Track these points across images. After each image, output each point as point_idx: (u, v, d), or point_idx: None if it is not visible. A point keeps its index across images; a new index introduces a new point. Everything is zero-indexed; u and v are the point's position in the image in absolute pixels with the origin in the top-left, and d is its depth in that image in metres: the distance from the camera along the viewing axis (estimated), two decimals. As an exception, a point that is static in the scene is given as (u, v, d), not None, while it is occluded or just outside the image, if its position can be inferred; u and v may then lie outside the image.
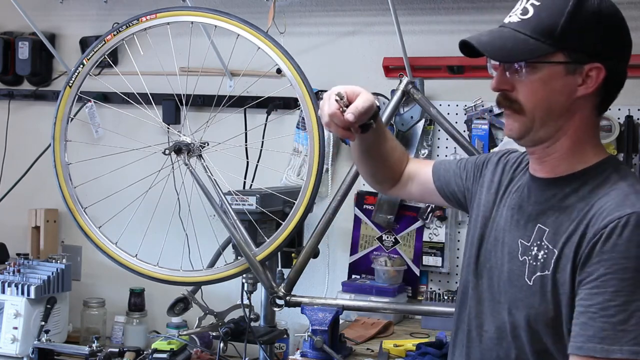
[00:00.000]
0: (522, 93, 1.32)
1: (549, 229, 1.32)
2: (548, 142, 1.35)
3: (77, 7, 3.21)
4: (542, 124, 1.33)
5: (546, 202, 1.36)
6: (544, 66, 1.30)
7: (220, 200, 2.33)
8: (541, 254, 1.31)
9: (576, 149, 1.34)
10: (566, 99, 1.31)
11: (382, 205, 2.77)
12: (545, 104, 1.32)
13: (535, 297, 1.31)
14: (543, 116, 1.32)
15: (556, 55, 1.29)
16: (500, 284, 1.39)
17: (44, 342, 2.64)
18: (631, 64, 2.64)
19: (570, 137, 1.34)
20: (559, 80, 1.30)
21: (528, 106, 1.32)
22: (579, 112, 1.33)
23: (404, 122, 2.68)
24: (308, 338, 2.21)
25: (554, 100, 1.31)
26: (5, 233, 3.23)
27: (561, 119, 1.33)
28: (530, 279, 1.32)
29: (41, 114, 3.28)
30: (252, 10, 2.83)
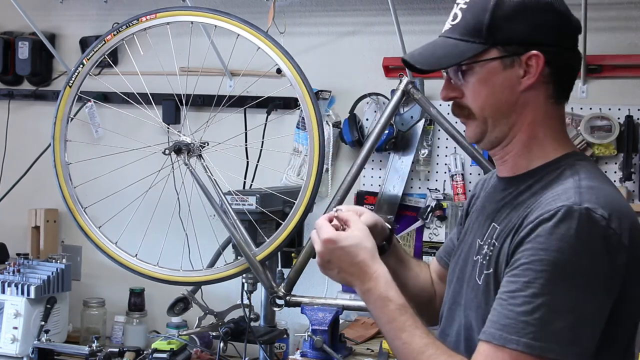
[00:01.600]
0: (469, 97, 1.31)
1: (499, 226, 1.29)
2: (505, 140, 1.32)
3: (77, 7, 3.21)
4: (494, 123, 1.31)
5: (502, 200, 1.33)
6: (480, 66, 1.28)
7: (220, 200, 2.33)
8: (490, 252, 1.28)
9: (533, 143, 1.31)
10: (511, 93, 1.29)
11: (382, 205, 2.77)
12: (491, 102, 1.29)
13: (483, 296, 1.27)
14: (493, 115, 1.30)
15: (490, 52, 1.27)
16: (463, 286, 1.36)
17: (44, 342, 2.64)
18: (631, 64, 2.65)
19: (526, 132, 1.31)
20: (498, 76, 1.28)
21: (476, 109, 1.30)
22: (531, 104, 1.30)
23: (404, 122, 2.68)
24: (308, 338, 2.21)
25: (499, 98, 1.29)
26: (5, 233, 3.23)
27: (513, 115, 1.30)
28: (479, 278, 1.29)
29: (41, 114, 3.28)
30: (252, 10, 2.83)
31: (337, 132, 2.79)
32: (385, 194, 2.77)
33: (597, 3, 2.47)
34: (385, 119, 2.38)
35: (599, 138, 2.48)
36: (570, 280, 1.14)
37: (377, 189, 2.80)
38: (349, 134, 2.74)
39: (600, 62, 2.51)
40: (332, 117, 2.83)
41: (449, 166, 2.71)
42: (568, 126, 2.52)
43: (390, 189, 2.76)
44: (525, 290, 1.15)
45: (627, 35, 2.52)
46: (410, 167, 2.74)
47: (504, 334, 1.15)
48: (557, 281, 1.14)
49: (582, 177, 1.24)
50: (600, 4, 2.50)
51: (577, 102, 2.55)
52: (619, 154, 2.50)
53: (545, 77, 1.27)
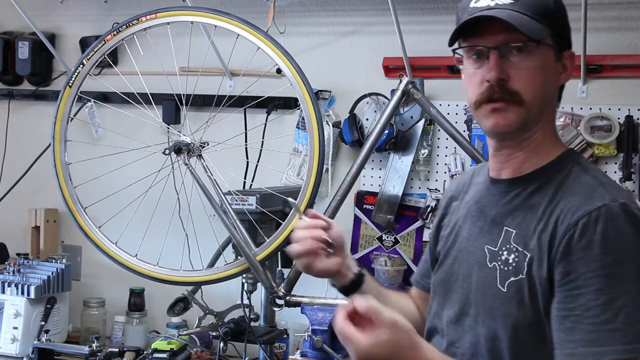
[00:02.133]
0: (522, 82, 1.24)
1: (516, 230, 1.26)
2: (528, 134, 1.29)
3: (77, 7, 3.21)
4: (537, 114, 1.28)
5: (510, 203, 1.30)
6: (541, 51, 1.24)
7: (220, 200, 2.33)
8: (512, 258, 1.24)
9: (545, 142, 1.30)
10: (555, 87, 1.29)
11: (382, 205, 2.78)
12: (542, 92, 1.26)
13: (511, 303, 1.23)
14: (541, 105, 1.27)
15: (548, 39, 1.25)
16: (469, 296, 1.31)
17: (44, 342, 2.64)
18: (631, 64, 2.65)
19: (543, 130, 1.30)
20: (551, 66, 1.27)
21: (528, 96, 1.25)
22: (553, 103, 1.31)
23: (404, 122, 2.68)
24: (308, 338, 2.21)
25: (549, 89, 1.28)
26: (5, 233, 3.23)
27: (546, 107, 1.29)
28: (503, 285, 1.24)
29: (41, 114, 3.28)
30: (252, 10, 2.83)
31: (337, 132, 2.79)
32: (385, 194, 2.77)
33: (597, 3, 2.47)
34: (385, 119, 2.38)
35: (599, 138, 2.48)
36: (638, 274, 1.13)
37: (377, 189, 2.80)
38: (349, 134, 2.74)
39: (600, 62, 2.51)
40: (332, 117, 2.83)
41: (449, 166, 2.71)
42: (567, 126, 2.53)
43: (390, 189, 2.76)
44: (599, 298, 1.12)
45: (627, 35, 2.52)
46: (410, 167, 2.74)
47: (596, 349, 1.12)
48: (628, 279, 1.13)
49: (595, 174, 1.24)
50: (600, 4, 2.50)
51: (577, 102, 2.55)
52: (619, 154, 2.50)
53: None
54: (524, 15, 1.22)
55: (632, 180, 2.47)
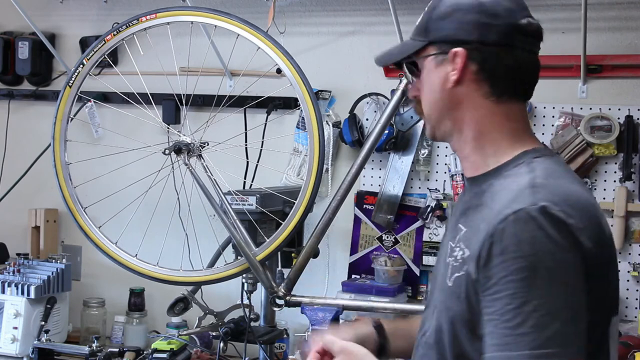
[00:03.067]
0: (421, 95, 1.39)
1: (465, 228, 1.29)
2: (455, 135, 1.37)
3: (77, 7, 3.21)
4: (437, 119, 1.37)
5: (468, 201, 1.34)
6: (422, 64, 1.36)
7: (220, 200, 2.33)
8: (460, 255, 1.27)
9: (483, 141, 1.33)
10: (443, 89, 1.34)
11: (382, 205, 2.78)
12: (431, 98, 1.36)
13: (452, 298, 1.26)
14: (433, 111, 1.37)
15: (427, 50, 1.35)
16: (435, 287, 1.37)
17: (44, 342, 2.64)
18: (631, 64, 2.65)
19: (469, 129, 1.34)
20: (433, 73, 1.35)
21: (423, 106, 1.39)
22: (465, 101, 1.33)
23: (404, 122, 2.68)
24: (308, 338, 2.21)
25: (434, 94, 1.35)
26: (5, 233, 3.23)
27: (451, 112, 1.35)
28: (450, 279, 1.28)
29: (41, 114, 3.28)
30: (252, 10, 2.83)
31: (337, 132, 2.79)
32: (385, 194, 2.77)
33: (597, 3, 2.47)
34: (385, 119, 2.38)
35: (599, 138, 2.48)
36: (551, 279, 1.14)
37: (377, 189, 2.80)
38: (349, 134, 2.74)
39: (600, 62, 2.51)
40: (332, 117, 2.83)
41: (449, 166, 2.71)
42: (567, 126, 2.53)
43: (390, 189, 2.76)
44: (513, 302, 1.14)
45: (627, 35, 2.52)
46: (410, 167, 2.74)
47: (507, 353, 1.14)
48: (541, 284, 1.13)
49: (537, 175, 1.24)
50: (600, 4, 2.50)
51: (577, 102, 2.55)
52: (619, 154, 2.50)
53: (475, 75, 1.31)
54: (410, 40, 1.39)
55: (632, 180, 2.47)
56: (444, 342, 1.28)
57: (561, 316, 1.13)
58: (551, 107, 2.57)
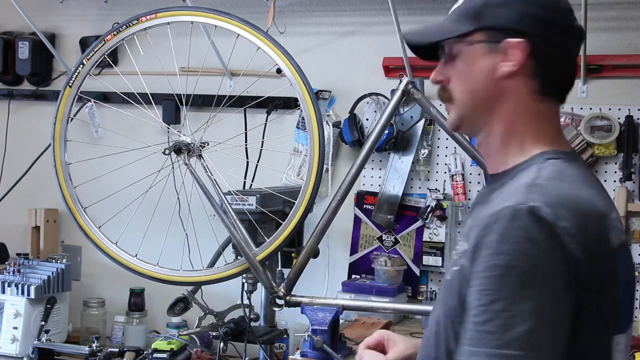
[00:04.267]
0: (452, 81, 1.30)
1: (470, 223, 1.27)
2: (484, 129, 1.30)
3: (77, 7, 3.21)
4: (472, 109, 1.30)
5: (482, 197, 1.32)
6: (466, 50, 1.28)
7: (220, 200, 2.33)
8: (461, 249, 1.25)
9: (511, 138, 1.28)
10: (488, 79, 1.26)
11: (382, 205, 2.78)
12: (469, 87, 1.29)
13: (448, 291, 1.24)
14: (470, 100, 1.29)
15: (475, 35, 1.27)
16: None
17: (44, 342, 2.64)
18: (631, 64, 2.65)
19: (503, 124, 1.28)
20: (479, 60, 1.27)
21: (456, 93, 1.30)
22: (510, 95, 1.27)
23: (404, 122, 2.68)
24: (308, 338, 2.21)
25: (477, 82, 1.28)
26: (5, 233, 3.23)
27: (490, 103, 1.28)
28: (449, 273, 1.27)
29: (41, 114, 3.28)
30: (252, 10, 2.83)
31: (337, 132, 2.79)
32: (385, 194, 2.77)
33: (597, 3, 2.47)
34: (385, 119, 2.38)
35: (599, 138, 2.48)
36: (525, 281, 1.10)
37: (377, 189, 2.80)
38: (349, 134, 2.74)
39: (600, 62, 2.51)
40: (332, 117, 2.83)
41: (449, 166, 2.71)
42: (567, 126, 2.53)
43: (390, 189, 2.76)
44: (482, 299, 1.12)
45: (627, 35, 2.52)
46: (410, 167, 2.74)
47: (472, 348, 1.12)
48: (512, 285, 1.10)
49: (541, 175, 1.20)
50: (600, 4, 2.50)
51: (577, 102, 2.55)
52: (619, 154, 2.50)
53: (529, 70, 1.25)
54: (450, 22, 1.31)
55: (632, 180, 2.47)
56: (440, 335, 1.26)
57: (528, 320, 1.08)
58: (551, 107, 2.56)
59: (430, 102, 2.42)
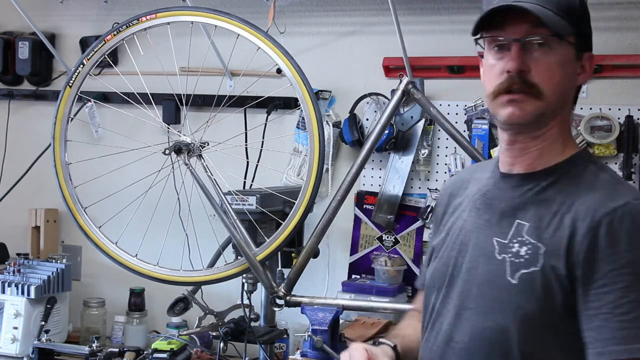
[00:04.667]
0: (541, 75, 1.27)
1: (529, 223, 1.26)
2: (544, 128, 1.31)
3: (77, 7, 3.21)
4: (555, 107, 1.30)
5: (522, 196, 1.30)
6: (562, 48, 1.28)
7: (220, 200, 2.33)
8: (524, 250, 1.24)
9: (562, 139, 1.33)
10: (572, 83, 1.31)
11: (382, 205, 2.77)
12: (560, 88, 1.29)
13: (522, 295, 1.22)
14: (558, 100, 1.30)
15: (571, 37, 1.29)
16: (472, 288, 1.30)
17: (44, 342, 2.64)
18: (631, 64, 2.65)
19: (559, 127, 1.32)
20: (570, 63, 1.30)
21: (547, 89, 1.28)
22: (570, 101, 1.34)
23: (404, 122, 2.68)
24: (308, 338, 2.21)
25: (566, 85, 1.30)
26: (5, 233, 3.23)
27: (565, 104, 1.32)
28: (513, 276, 1.24)
29: (41, 114, 3.28)
30: (252, 10, 2.83)
31: (337, 132, 2.79)
32: (385, 194, 2.77)
33: (597, 3, 2.47)
34: (385, 119, 2.38)
35: (599, 138, 2.48)
36: None
37: (377, 189, 2.80)
38: (349, 134, 2.74)
39: (600, 62, 2.51)
40: (332, 117, 2.83)
41: (449, 166, 2.71)
42: (568, 126, 2.53)
43: (390, 189, 2.76)
44: (627, 296, 1.13)
45: (627, 35, 2.52)
46: (410, 167, 2.74)
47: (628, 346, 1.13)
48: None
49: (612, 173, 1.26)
50: (600, 4, 2.50)
51: (577, 102, 2.55)
52: (619, 154, 2.50)
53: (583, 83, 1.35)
54: (549, 10, 1.26)
55: (632, 180, 2.47)
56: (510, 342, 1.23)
57: None
58: (551, 107, 2.56)
59: (430, 102, 2.43)
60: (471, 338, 1.28)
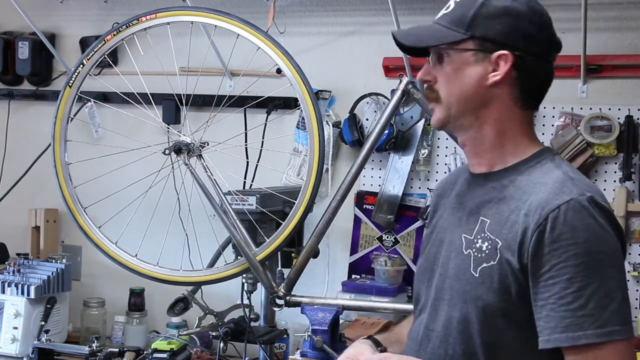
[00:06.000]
0: (440, 82, 1.40)
1: (490, 220, 1.35)
2: (471, 130, 1.40)
3: (77, 7, 3.21)
4: (459, 112, 1.39)
5: (486, 194, 1.39)
6: (456, 55, 1.37)
7: (220, 200, 2.33)
8: (485, 245, 1.33)
9: (504, 139, 1.39)
10: (477, 86, 1.36)
11: (382, 205, 2.77)
12: (458, 91, 1.38)
13: (482, 287, 1.32)
14: (458, 103, 1.39)
15: (466, 44, 1.37)
16: (445, 281, 1.40)
17: (44, 342, 2.64)
18: (631, 64, 2.65)
19: (493, 127, 1.39)
20: (469, 68, 1.37)
21: (443, 94, 1.39)
22: (496, 101, 1.37)
23: (404, 122, 2.68)
24: (308, 338, 2.21)
25: (466, 88, 1.37)
26: (5, 233, 3.23)
27: (478, 108, 1.38)
28: (476, 270, 1.33)
29: (41, 114, 3.28)
30: (252, 10, 2.83)
31: (337, 132, 2.79)
32: (385, 194, 2.77)
33: (597, 3, 2.47)
34: (385, 119, 2.38)
35: (599, 138, 2.48)
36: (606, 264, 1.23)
37: (377, 189, 2.80)
38: (349, 134, 2.74)
39: (600, 62, 2.51)
40: (332, 117, 2.83)
41: (449, 166, 2.71)
42: (567, 126, 2.53)
43: (390, 189, 2.76)
44: (571, 286, 1.22)
45: (627, 35, 2.52)
46: (410, 167, 2.74)
47: (570, 334, 1.22)
48: (597, 268, 1.22)
49: (567, 170, 1.33)
50: (600, 4, 2.50)
51: (577, 102, 2.55)
52: (619, 154, 2.50)
53: (512, 79, 1.36)
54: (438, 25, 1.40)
55: (632, 180, 2.47)
56: (472, 331, 1.33)
57: (617, 297, 1.22)
58: (551, 107, 2.56)
59: (430, 102, 2.42)
60: (443, 327, 1.39)
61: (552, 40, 1.40)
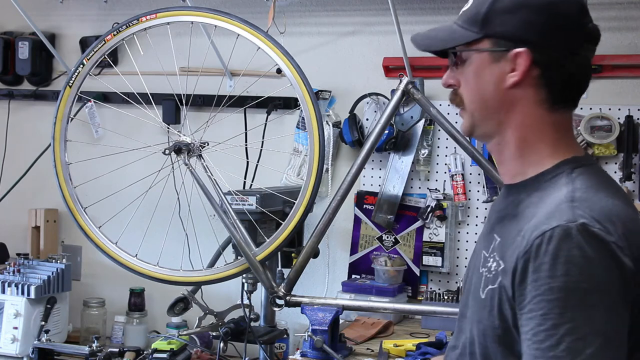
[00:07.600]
0: (462, 86, 1.29)
1: (500, 239, 1.24)
2: (496, 137, 1.28)
3: (77, 7, 3.21)
4: (482, 117, 1.28)
5: (504, 209, 1.28)
6: (473, 57, 1.26)
7: (220, 200, 2.33)
8: (494, 266, 1.22)
9: (525, 147, 1.26)
10: (496, 89, 1.24)
11: (382, 205, 2.78)
12: (478, 95, 1.27)
13: (484, 311, 1.22)
14: (479, 108, 1.28)
15: (482, 43, 1.25)
16: (469, 297, 1.31)
17: (44, 342, 2.64)
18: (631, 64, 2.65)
19: (515, 133, 1.26)
20: (486, 69, 1.25)
21: (466, 99, 1.29)
22: (519, 105, 1.24)
23: (404, 122, 2.68)
24: (308, 338, 2.21)
25: (485, 91, 1.26)
26: (5, 233, 3.23)
27: (500, 112, 1.26)
28: (483, 291, 1.23)
29: (41, 114, 3.28)
30: (252, 10, 2.83)
31: (337, 132, 2.80)
32: (385, 194, 2.77)
33: (597, 3, 2.47)
34: (385, 119, 2.38)
35: (599, 138, 2.48)
36: (586, 301, 1.08)
37: (377, 189, 2.80)
38: (349, 134, 2.74)
39: (600, 62, 2.51)
40: (332, 117, 2.83)
41: (449, 166, 2.71)
42: (568, 126, 2.53)
43: (390, 189, 2.76)
44: (545, 323, 1.08)
45: (627, 35, 2.53)
46: (410, 167, 2.74)
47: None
48: (573, 306, 1.08)
49: (577, 188, 1.18)
50: (600, 4, 2.50)
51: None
52: (619, 154, 2.50)
53: (535, 79, 1.23)
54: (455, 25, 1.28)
55: (632, 180, 2.47)
56: (476, 354, 1.24)
57: (596, 341, 1.06)
58: (551, 107, 2.56)
59: (430, 102, 2.42)
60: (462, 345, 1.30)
61: (583, 30, 1.26)
